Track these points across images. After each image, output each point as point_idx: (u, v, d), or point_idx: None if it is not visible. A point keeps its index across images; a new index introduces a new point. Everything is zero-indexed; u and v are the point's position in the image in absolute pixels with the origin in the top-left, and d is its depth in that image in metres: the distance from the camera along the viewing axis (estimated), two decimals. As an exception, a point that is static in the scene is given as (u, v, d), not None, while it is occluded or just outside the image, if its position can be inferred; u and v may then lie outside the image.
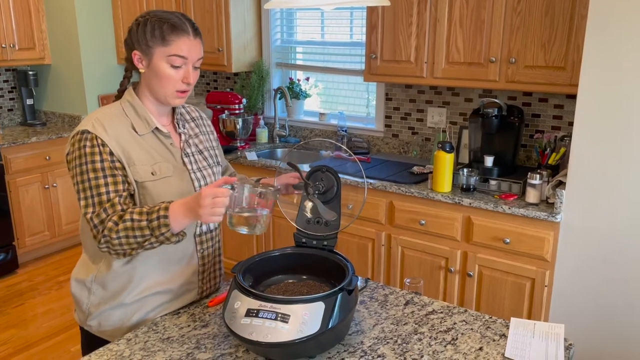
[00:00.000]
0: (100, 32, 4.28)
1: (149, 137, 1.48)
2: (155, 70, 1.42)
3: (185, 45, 1.41)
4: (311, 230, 1.54)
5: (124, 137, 1.43)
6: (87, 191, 1.36)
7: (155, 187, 1.45)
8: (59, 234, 4.23)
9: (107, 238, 1.33)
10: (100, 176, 1.37)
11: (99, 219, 1.35)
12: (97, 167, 1.37)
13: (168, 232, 1.31)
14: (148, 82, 1.45)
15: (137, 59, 1.43)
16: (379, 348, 1.37)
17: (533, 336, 1.42)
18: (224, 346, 1.38)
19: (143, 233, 1.32)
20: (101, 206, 1.35)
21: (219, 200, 1.27)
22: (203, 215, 1.28)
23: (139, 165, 1.43)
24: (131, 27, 1.45)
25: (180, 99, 1.47)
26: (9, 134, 4.07)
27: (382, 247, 2.92)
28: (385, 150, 3.51)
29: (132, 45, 1.43)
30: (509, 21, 2.59)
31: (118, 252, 1.36)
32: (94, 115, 1.43)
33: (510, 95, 2.98)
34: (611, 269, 2.30)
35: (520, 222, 2.46)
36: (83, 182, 1.37)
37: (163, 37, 1.40)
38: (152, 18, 1.41)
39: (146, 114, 1.48)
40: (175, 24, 1.41)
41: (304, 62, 3.92)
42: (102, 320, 1.52)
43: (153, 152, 1.47)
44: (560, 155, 2.64)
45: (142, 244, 1.34)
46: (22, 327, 3.24)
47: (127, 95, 1.49)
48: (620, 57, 2.13)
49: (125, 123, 1.45)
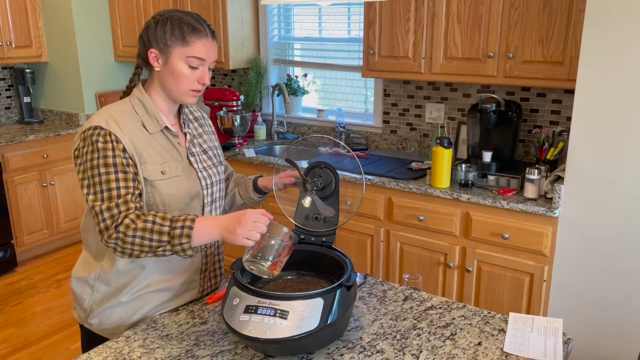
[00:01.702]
0: (97, 29, 4.26)
1: (158, 136, 1.47)
2: (172, 69, 1.42)
3: (204, 47, 1.42)
4: (310, 226, 1.54)
5: (136, 135, 1.42)
6: (96, 186, 1.34)
7: (165, 186, 1.44)
8: (57, 232, 4.23)
9: (121, 234, 1.31)
10: (112, 171, 1.35)
11: (110, 214, 1.32)
12: (109, 162, 1.35)
13: (187, 244, 1.30)
14: (163, 80, 1.45)
15: (153, 57, 1.43)
16: (378, 344, 1.37)
17: (532, 331, 1.42)
18: (223, 343, 1.38)
19: (161, 238, 1.31)
20: (111, 201, 1.33)
21: (260, 225, 1.30)
22: (239, 234, 1.28)
23: (150, 163, 1.43)
24: (149, 24, 1.44)
25: (194, 98, 1.48)
26: (6, 132, 4.06)
27: (381, 243, 2.92)
28: (384, 147, 3.51)
29: (149, 42, 1.43)
30: (506, 16, 2.59)
31: (124, 251, 1.34)
32: (106, 112, 1.42)
33: (509, 90, 2.98)
34: (609, 264, 2.31)
35: (518, 217, 2.47)
36: (93, 176, 1.35)
37: (184, 37, 1.40)
38: (172, 17, 1.42)
39: (156, 113, 1.47)
40: (195, 25, 1.42)
41: (302, 58, 3.92)
42: (103, 319, 1.52)
43: (162, 151, 1.47)
44: (558, 150, 2.64)
45: (155, 250, 1.32)
46: (21, 326, 3.24)
47: (137, 93, 1.48)
48: (618, 52, 2.13)
49: (136, 121, 1.44)
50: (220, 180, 1.62)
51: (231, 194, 1.75)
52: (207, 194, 1.55)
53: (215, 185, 1.59)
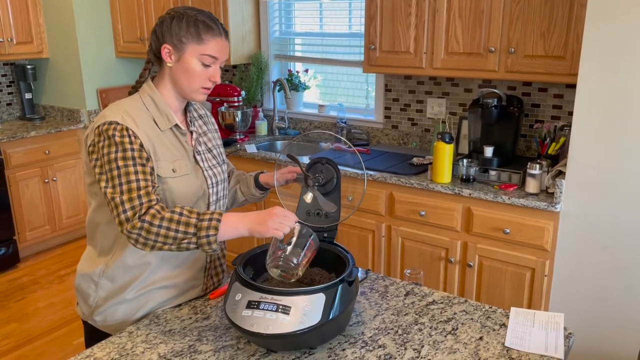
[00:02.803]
0: (98, 25, 4.25)
1: (168, 133, 1.48)
2: (185, 66, 1.43)
3: (218, 46, 1.44)
4: (311, 222, 1.54)
5: (150, 131, 1.43)
6: (115, 179, 1.33)
7: (175, 184, 1.45)
8: (59, 228, 4.24)
9: (146, 224, 1.29)
10: (130, 164, 1.35)
11: (131, 205, 1.31)
12: (128, 155, 1.35)
13: (214, 237, 1.30)
14: (174, 76, 1.45)
15: (165, 53, 1.43)
16: (379, 338, 1.38)
17: (533, 325, 1.42)
18: (226, 338, 1.39)
19: (187, 230, 1.30)
20: (131, 193, 1.32)
21: (290, 219, 1.34)
22: (270, 225, 1.31)
23: (162, 161, 1.43)
24: (164, 19, 1.44)
25: (204, 96, 1.49)
26: (8, 129, 4.06)
27: (382, 238, 2.93)
28: (385, 142, 3.51)
29: (163, 38, 1.43)
30: (508, 11, 2.58)
31: (147, 242, 1.31)
32: (120, 107, 1.42)
33: (510, 85, 2.97)
34: (611, 258, 2.31)
35: (520, 212, 2.47)
36: (111, 170, 1.34)
37: (199, 35, 1.41)
38: (187, 14, 1.42)
39: (167, 110, 1.47)
40: (209, 24, 1.42)
41: (303, 53, 3.91)
42: (107, 316, 1.52)
43: (173, 149, 1.47)
44: (559, 145, 2.63)
45: (180, 242, 1.31)
46: (24, 321, 3.25)
47: (147, 89, 1.48)
48: (620, 46, 2.12)
49: (149, 117, 1.45)
50: (224, 179, 1.63)
51: (232, 191, 1.76)
52: (213, 192, 1.56)
53: (220, 184, 1.60)
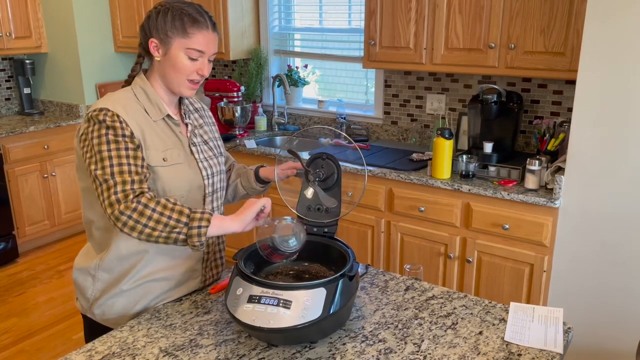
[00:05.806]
0: (97, 20, 4.25)
1: (161, 123, 1.48)
2: (171, 60, 1.43)
3: (205, 39, 1.43)
4: (312, 217, 1.54)
5: (140, 120, 1.43)
6: (105, 160, 1.33)
7: (166, 173, 1.45)
8: (58, 223, 4.24)
9: (141, 206, 1.30)
10: (122, 147, 1.35)
11: (122, 187, 1.31)
12: (120, 139, 1.35)
13: (205, 229, 1.32)
14: (162, 70, 1.46)
15: (153, 47, 1.43)
16: (380, 333, 1.38)
17: (532, 320, 1.43)
18: (227, 332, 1.39)
19: (179, 218, 1.31)
20: (122, 175, 1.32)
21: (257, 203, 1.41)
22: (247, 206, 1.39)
23: (153, 149, 1.43)
24: (150, 14, 1.44)
25: (191, 90, 1.49)
26: (7, 124, 4.05)
27: (382, 234, 2.93)
28: (384, 138, 3.51)
29: (150, 32, 1.43)
30: (508, 6, 2.58)
31: (135, 227, 1.30)
32: (110, 97, 1.43)
33: (510, 81, 2.97)
34: (610, 254, 2.32)
35: (519, 208, 2.47)
36: (101, 152, 1.33)
37: (184, 29, 1.40)
38: (173, 7, 1.41)
39: (158, 101, 1.48)
40: (195, 17, 1.42)
41: (302, 49, 3.91)
42: (106, 309, 1.53)
43: (165, 138, 1.48)
44: (559, 141, 2.64)
45: (171, 230, 1.31)
46: (24, 316, 3.26)
47: (139, 81, 1.49)
48: (620, 42, 2.12)
49: (140, 107, 1.45)
50: (221, 170, 1.63)
51: (233, 185, 1.76)
52: (208, 184, 1.56)
53: (216, 175, 1.60)
